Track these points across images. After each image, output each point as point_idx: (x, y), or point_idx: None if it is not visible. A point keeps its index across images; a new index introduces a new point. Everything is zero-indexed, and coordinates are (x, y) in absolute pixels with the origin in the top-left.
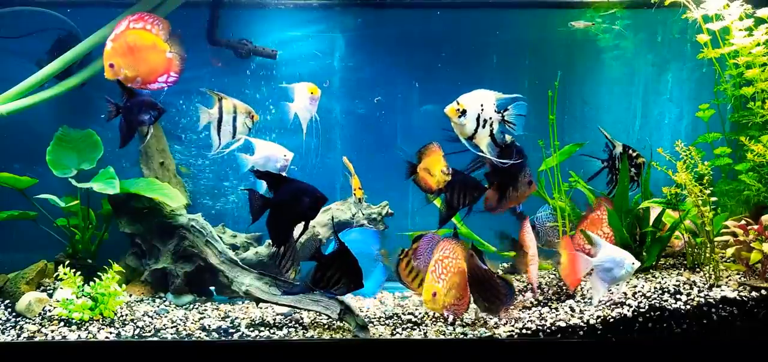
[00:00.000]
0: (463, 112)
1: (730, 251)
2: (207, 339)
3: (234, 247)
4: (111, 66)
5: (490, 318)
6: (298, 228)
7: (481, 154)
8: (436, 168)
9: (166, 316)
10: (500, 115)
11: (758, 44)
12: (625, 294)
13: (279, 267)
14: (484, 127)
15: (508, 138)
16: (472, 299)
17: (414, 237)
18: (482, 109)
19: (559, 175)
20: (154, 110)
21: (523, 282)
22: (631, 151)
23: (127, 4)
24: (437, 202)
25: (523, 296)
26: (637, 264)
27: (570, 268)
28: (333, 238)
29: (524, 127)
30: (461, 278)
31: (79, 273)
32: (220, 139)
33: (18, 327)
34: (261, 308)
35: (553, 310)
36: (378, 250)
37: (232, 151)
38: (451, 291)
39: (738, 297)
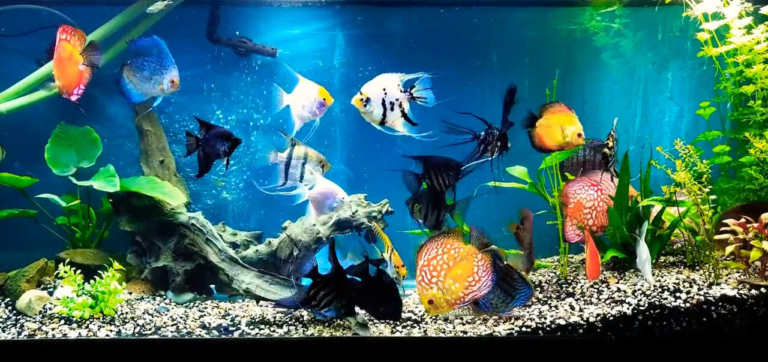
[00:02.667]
0: (367, 100)
1: (729, 249)
2: (207, 337)
3: (234, 245)
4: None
5: (490, 316)
6: None
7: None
8: (567, 126)
9: (166, 314)
10: (408, 94)
11: (759, 42)
12: (625, 292)
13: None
14: (392, 109)
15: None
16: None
17: (430, 235)
18: (385, 93)
19: (558, 174)
20: (229, 140)
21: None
22: (608, 141)
23: (127, 2)
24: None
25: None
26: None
27: (592, 261)
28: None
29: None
30: (465, 265)
31: (79, 271)
32: (285, 180)
33: (18, 325)
34: (261, 306)
35: (553, 308)
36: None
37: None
38: (454, 285)
39: (737, 296)
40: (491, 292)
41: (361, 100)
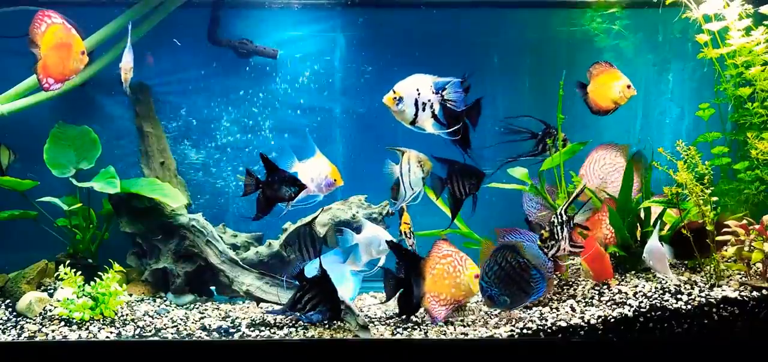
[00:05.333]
0: (400, 99)
1: (731, 251)
2: (207, 338)
3: (234, 247)
4: None
5: (491, 318)
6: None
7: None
8: (616, 83)
9: (166, 316)
10: (439, 95)
11: (758, 43)
12: (626, 293)
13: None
14: (424, 110)
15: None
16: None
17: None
18: (418, 93)
19: (562, 174)
20: (296, 186)
21: None
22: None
23: (128, 3)
24: (432, 196)
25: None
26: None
27: (601, 264)
28: (337, 237)
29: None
30: (448, 288)
31: (79, 272)
32: (405, 190)
33: (18, 326)
34: (261, 308)
35: (554, 310)
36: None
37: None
38: (433, 284)
39: (739, 297)
40: (506, 289)
41: (394, 98)
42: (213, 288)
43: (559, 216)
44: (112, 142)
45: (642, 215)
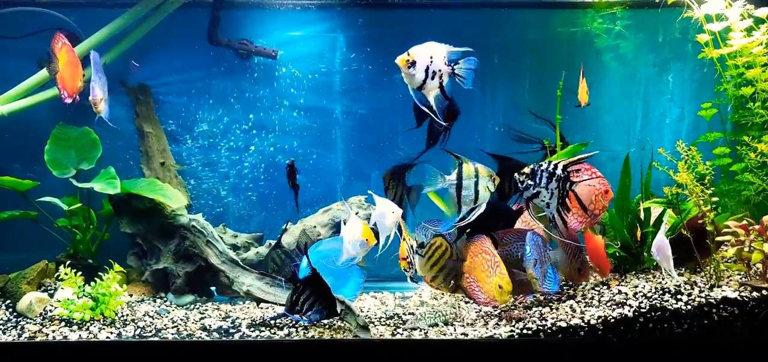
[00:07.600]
0: (413, 63)
1: (731, 251)
2: (208, 339)
3: (235, 247)
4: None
5: (492, 318)
6: None
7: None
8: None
9: (166, 316)
10: (450, 68)
11: (759, 44)
12: (626, 294)
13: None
14: (433, 78)
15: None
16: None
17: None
18: (431, 61)
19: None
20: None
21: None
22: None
23: (128, 4)
24: (435, 199)
25: (524, 297)
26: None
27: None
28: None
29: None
30: (483, 279)
31: (79, 273)
32: (459, 204)
33: (19, 327)
34: (262, 308)
35: (554, 310)
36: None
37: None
38: (472, 272)
39: (739, 298)
40: (543, 266)
41: (408, 61)
42: (213, 288)
43: (553, 166)
44: (112, 143)
45: (642, 215)
